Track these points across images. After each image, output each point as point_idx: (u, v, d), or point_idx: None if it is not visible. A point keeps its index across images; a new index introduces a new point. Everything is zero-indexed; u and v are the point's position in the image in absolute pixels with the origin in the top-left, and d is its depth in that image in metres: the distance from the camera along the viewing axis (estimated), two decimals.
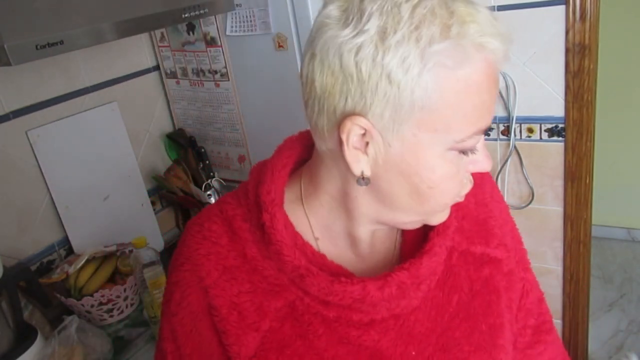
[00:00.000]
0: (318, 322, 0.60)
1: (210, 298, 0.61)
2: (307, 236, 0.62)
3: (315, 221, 0.62)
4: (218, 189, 1.70)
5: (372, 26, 0.48)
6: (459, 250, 0.65)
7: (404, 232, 0.65)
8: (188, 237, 0.65)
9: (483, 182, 0.70)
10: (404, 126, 0.50)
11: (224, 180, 1.72)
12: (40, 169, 1.43)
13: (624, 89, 2.62)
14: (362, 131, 0.51)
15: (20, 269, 1.22)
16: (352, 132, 0.51)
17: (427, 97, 0.48)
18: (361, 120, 0.50)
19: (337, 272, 0.60)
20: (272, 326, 0.60)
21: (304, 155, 0.66)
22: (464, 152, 0.52)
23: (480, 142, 0.54)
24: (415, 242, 0.64)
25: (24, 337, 1.16)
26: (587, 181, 1.35)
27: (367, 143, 0.52)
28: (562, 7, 1.20)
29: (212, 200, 1.66)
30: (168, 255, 1.64)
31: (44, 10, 1.00)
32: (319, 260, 0.60)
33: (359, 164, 0.53)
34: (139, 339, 1.34)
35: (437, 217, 0.59)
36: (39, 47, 0.97)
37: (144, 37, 1.72)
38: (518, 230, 0.74)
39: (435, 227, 0.62)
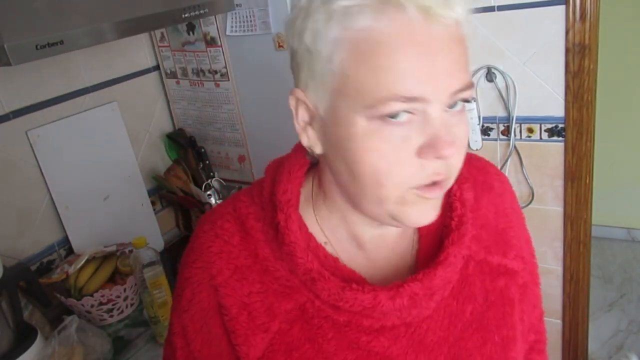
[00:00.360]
0: (328, 326, 0.59)
1: (220, 297, 0.61)
2: (320, 239, 0.61)
3: (322, 223, 0.62)
4: (218, 189, 1.70)
5: (302, 1, 0.51)
6: (476, 259, 0.63)
7: (420, 239, 0.63)
8: (200, 233, 0.65)
9: (505, 192, 0.69)
10: (325, 95, 0.51)
11: (224, 180, 1.72)
12: (40, 169, 1.43)
13: (624, 89, 2.62)
14: (302, 103, 0.54)
15: (20, 269, 1.22)
16: (296, 105, 0.55)
17: (333, 58, 0.49)
18: (298, 93, 0.53)
19: (349, 277, 0.59)
20: (282, 328, 0.60)
21: None
22: (387, 123, 0.48)
23: (437, 122, 0.49)
24: (432, 250, 0.62)
25: (24, 337, 1.16)
26: (587, 181, 1.35)
27: (313, 116, 0.54)
28: (562, 7, 1.20)
29: (212, 200, 1.66)
30: (168, 255, 1.65)
31: (44, 10, 1.00)
32: (331, 264, 0.60)
33: (307, 137, 0.56)
34: (139, 339, 1.34)
35: (405, 213, 0.53)
36: (39, 47, 0.96)
37: (144, 37, 1.72)
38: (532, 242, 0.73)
39: (451, 236, 0.60)
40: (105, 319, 1.39)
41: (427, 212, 0.54)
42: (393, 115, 0.48)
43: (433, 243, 0.62)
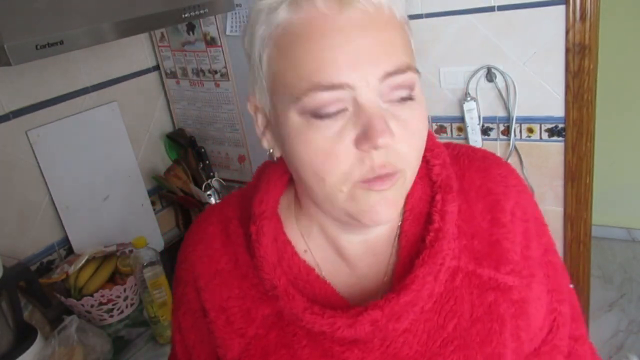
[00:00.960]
0: (303, 333, 0.58)
1: (202, 300, 0.62)
2: (299, 247, 0.60)
3: (304, 231, 0.61)
4: (218, 189, 1.70)
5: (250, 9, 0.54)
6: (465, 271, 0.58)
7: (400, 250, 0.59)
8: (190, 235, 0.67)
9: (506, 198, 0.61)
10: (267, 97, 0.53)
11: (224, 180, 1.72)
12: (40, 169, 1.42)
13: (624, 89, 2.62)
14: (256, 108, 0.55)
15: (20, 269, 1.22)
16: (255, 111, 0.56)
17: (262, 57, 0.51)
18: (251, 99, 0.55)
19: (319, 293, 0.58)
20: (258, 333, 0.60)
21: None
22: (317, 114, 0.48)
23: (370, 110, 0.48)
24: (409, 263, 0.58)
25: (24, 337, 1.16)
26: (587, 181, 1.35)
27: (268, 120, 0.55)
28: (562, 7, 1.20)
29: (212, 200, 1.66)
30: (168, 255, 1.65)
31: (44, 10, 1.00)
32: (303, 277, 0.59)
33: (268, 144, 0.57)
34: (139, 339, 1.34)
35: (358, 209, 0.51)
36: (39, 47, 0.97)
37: (144, 37, 1.72)
38: (557, 253, 0.66)
39: (422, 254, 0.56)
40: (105, 319, 1.39)
41: (381, 207, 0.51)
42: (321, 107, 0.48)
43: (411, 255, 0.58)
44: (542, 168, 1.39)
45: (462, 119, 1.40)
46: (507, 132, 1.39)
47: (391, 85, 0.49)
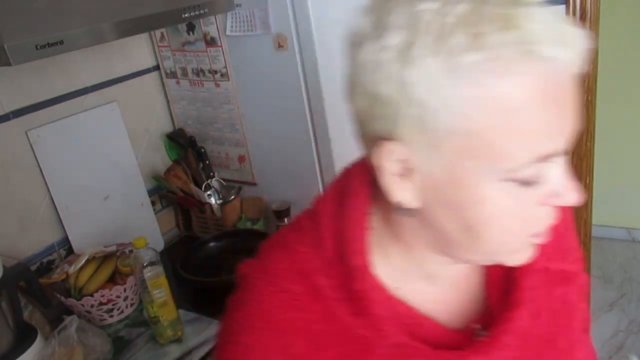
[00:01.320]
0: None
1: None
2: (390, 284, 0.56)
3: (392, 265, 0.56)
4: (218, 189, 1.70)
5: (394, 41, 0.43)
6: (537, 268, 0.59)
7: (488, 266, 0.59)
8: (262, 296, 0.56)
9: None
10: (441, 153, 0.44)
11: (224, 180, 1.72)
12: (40, 169, 1.42)
13: (624, 89, 2.63)
14: (399, 157, 0.46)
15: (20, 269, 1.22)
16: (387, 158, 0.47)
17: (457, 119, 0.42)
18: (394, 146, 0.46)
19: (431, 335, 0.55)
20: None
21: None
22: (526, 183, 0.44)
23: (558, 169, 0.46)
24: (499, 274, 0.58)
25: (24, 337, 1.16)
26: (587, 181, 1.35)
27: (411, 170, 0.47)
28: (562, 7, 1.20)
29: (212, 200, 1.66)
30: (168, 255, 1.65)
31: (44, 10, 1.00)
32: (411, 320, 0.55)
33: (402, 192, 0.48)
34: (139, 339, 1.34)
35: (512, 258, 0.51)
36: (39, 47, 0.96)
37: (144, 37, 1.72)
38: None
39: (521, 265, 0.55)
40: (105, 319, 1.39)
41: (532, 252, 0.52)
42: (536, 176, 0.45)
43: (503, 267, 0.57)
44: None
45: None
46: None
47: None
